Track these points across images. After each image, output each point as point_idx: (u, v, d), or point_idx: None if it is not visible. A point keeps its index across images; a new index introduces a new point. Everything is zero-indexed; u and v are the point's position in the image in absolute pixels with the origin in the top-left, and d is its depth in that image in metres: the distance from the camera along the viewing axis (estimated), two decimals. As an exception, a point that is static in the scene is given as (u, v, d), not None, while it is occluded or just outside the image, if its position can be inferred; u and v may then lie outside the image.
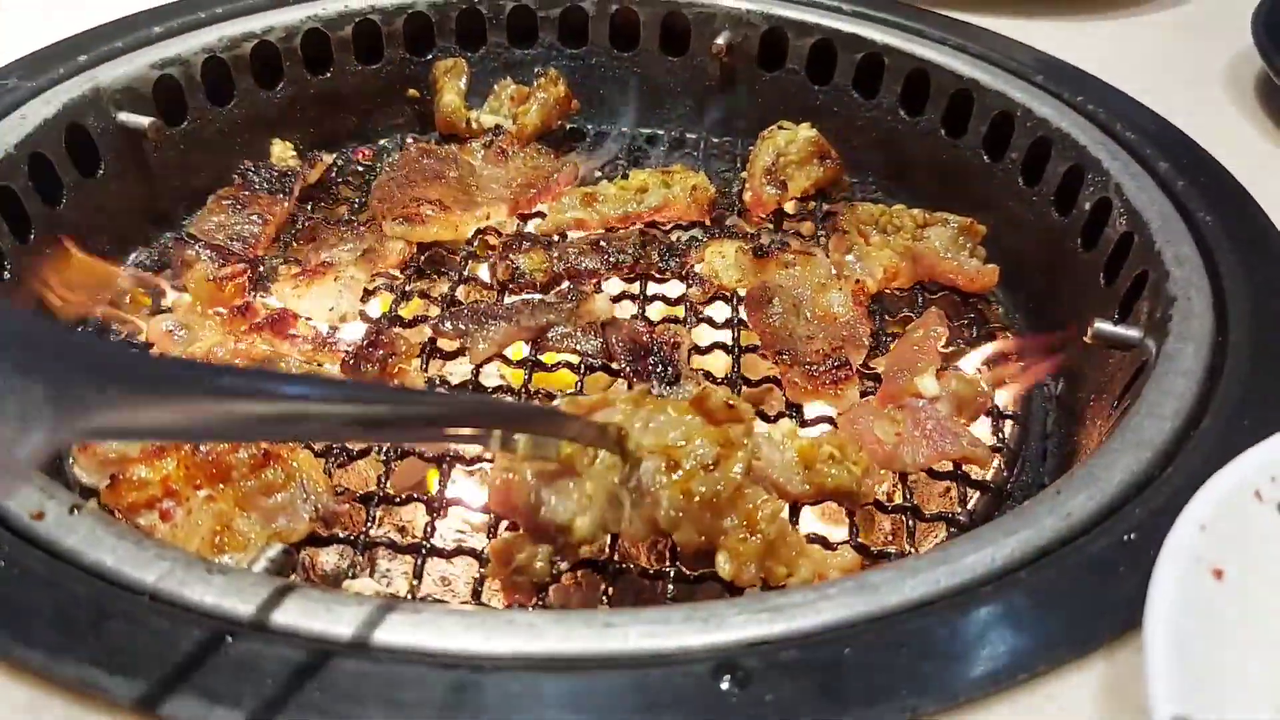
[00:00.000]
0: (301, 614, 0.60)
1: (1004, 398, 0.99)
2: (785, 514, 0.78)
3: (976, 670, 0.59)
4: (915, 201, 1.19)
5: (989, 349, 1.05)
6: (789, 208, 1.23)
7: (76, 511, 0.65)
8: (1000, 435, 0.96)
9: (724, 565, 0.73)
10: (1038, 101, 1.16)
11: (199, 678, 0.56)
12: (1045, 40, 1.30)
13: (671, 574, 0.78)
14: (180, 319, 0.95)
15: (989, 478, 0.93)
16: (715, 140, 1.39)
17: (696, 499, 0.72)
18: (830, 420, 0.93)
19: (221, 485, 0.78)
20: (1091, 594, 0.63)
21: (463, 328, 0.97)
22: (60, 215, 1.06)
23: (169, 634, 0.58)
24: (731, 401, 0.82)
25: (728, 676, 0.57)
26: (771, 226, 1.20)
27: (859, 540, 0.83)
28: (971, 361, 1.04)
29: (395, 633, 0.59)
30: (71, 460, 0.82)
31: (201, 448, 0.78)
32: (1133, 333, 0.91)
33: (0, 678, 0.56)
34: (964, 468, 0.90)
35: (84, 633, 0.57)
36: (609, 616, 0.61)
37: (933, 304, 1.09)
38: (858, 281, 1.05)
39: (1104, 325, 0.91)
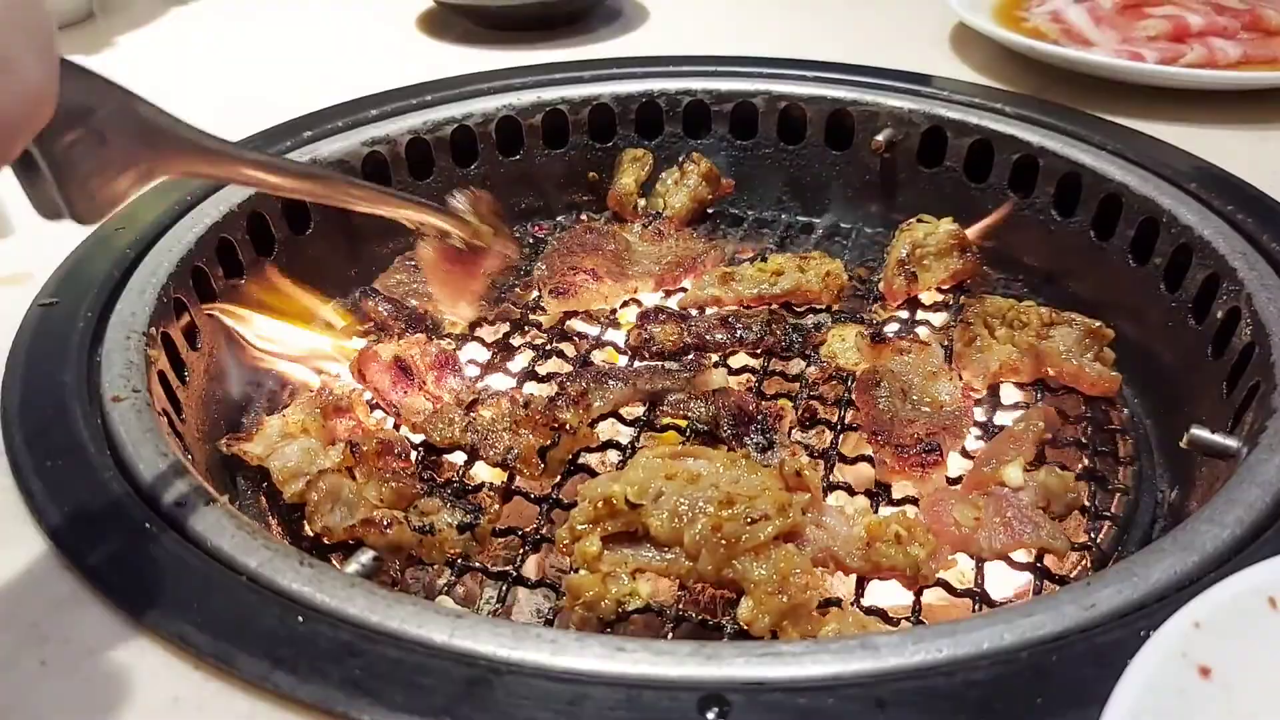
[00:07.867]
0: (365, 607, 0.70)
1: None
2: (820, 591, 0.83)
3: (951, 735, 0.61)
4: (1060, 300, 1.20)
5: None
6: (926, 298, 1.26)
7: (211, 504, 0.78)
8: (1093, 534, 0.96)
9: (745, 609, 0.80)
10: (1184, 208, 1.15)
11: (269, 645, 0.67)
12: (1216, 149, 1.27)
13: (729, 629, 0.84)
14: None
15: (1072, 574, 0.93)
16: (869, 231, 1.45)
17: (720, 535, 0.81)
18: (915, 501, 0.96)
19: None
20: (1085, 681, 0.64)
21: (583, 385, 1.07)
22: (270, 266, 1.24)
23: (255, 608, 0.69)
24: (802, 471, 0.88)
25: (714, 708, 0.63)
26: (906, 315, 1.24)
27: (919, 619, 0.86)
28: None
29: (434, 631, 0.68)
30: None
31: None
32: (1231, 442, 0.89)
33: (118, 627, 0.69)
34: (1044, 561, 0.91)
35: (189, 599, 0.70)
36: (623, 643, 0.68)
37: (1053, 402, 1.09)
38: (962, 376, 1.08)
39: (1200, 432, 0.91)
